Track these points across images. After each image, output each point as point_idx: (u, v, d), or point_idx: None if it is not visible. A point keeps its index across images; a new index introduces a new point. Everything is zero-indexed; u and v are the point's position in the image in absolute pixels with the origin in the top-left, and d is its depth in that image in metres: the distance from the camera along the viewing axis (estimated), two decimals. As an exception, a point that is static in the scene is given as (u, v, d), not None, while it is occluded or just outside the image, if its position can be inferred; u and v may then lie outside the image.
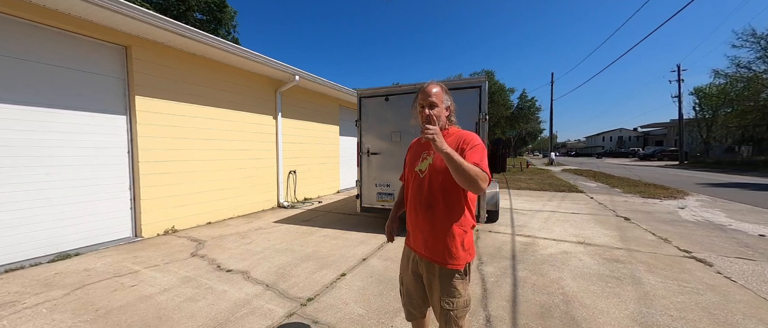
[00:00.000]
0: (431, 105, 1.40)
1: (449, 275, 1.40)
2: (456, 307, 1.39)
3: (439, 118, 1.41)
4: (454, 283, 1.40)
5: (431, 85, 1.44)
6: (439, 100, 1.41)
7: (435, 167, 1.42)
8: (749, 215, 5.79)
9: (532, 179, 12.52)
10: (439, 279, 1.41)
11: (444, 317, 1.40)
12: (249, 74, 6.21)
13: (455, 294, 1.39)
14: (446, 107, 1.46)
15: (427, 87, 1.43)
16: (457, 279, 1.40)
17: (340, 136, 9.54)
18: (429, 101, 1.40)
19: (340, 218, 5.84)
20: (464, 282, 1.42)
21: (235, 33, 24.75)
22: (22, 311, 2.43)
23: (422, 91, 1.43)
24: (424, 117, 1.40)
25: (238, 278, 3.06)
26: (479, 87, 4.18)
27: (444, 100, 1.45)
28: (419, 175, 1.48)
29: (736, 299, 2.57)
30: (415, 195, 1.49)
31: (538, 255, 3.68)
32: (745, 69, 20.54)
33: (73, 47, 3.84)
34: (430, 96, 1.41)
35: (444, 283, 1.41)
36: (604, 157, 46.64)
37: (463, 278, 1.42)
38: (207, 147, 5.39)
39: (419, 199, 1.46)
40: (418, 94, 1.45)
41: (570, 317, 2.33)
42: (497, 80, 34.70)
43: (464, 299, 1.41)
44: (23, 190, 3.45)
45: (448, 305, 1.39)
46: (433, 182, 1.42)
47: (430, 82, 1.47)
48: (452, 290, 1.40)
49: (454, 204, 1.39)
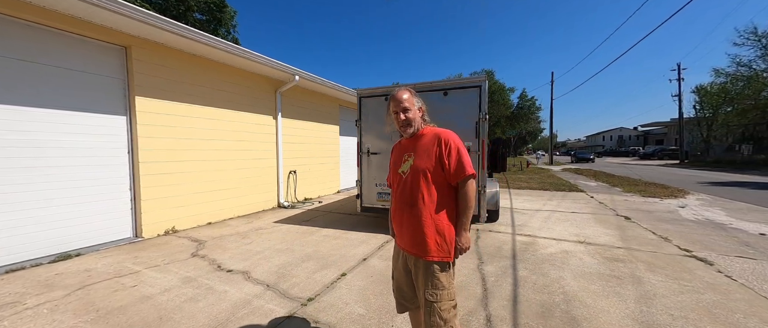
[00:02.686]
0: (405, 110, 1.54)
1: (431, 267, 1.46)
2: (439, 299, 1.44)
3: (415, 120, 1.56)
4: (436, 274, 1.46)
5: (401, 92, 1.56)
6: (410, 105, 1.54)
7: (416, 167, 1.52)
8: (750, 214, 5.78)
9: (532, 179, 12.52)
10: (423, 271, 1.48)
11: (428, 309, 1.46)
12: (249, 74, 6.21)
13: (438, 286, 1.45)
14: (419, 108, 1.59)
15: (398, 94, 1.56)
16: (439, 271, 1.46)
17: (340, 136, 9.54)
18: (402, 107, 1.54)
19: (340, 217, 5.85)
20: (447, 275, 1.48)
21: (235, 33, 24.77)
22: (23, 312, 2.43)
23: (393, 99, 1.57)
24: (400, 121, 1.55)
25: (239, 279, 3.07)
26: (479, 86, 4.18)
27: (415, 103, 1.57)
28: (402, 176, 1.58)
29: (736, 297, 2.57)
30: (399, 195, 1.58)
31: (538, 254, 3.68)
32: (746, 68, 20.54)
33: (72, 48, 3.84)
34: (402, 102, 1.54)
35: (427, 275, 1.47)
36: (604, 156, 46.58)
37: (447, 271, 1.48)
38: (207, 147, 5.39)
39: (403, 198, 1.55)
40: (390, 102, 1.59)
41: (570, 316, 2.33)
42: (497, 80, 34.72)
43: (448, 291, 1.46)
44: (24, 191, 3.45)
45: (432, 296, 1.45)
46: (414, 181, 1.51)
47: (399, 88, 1.60)
48: (435, 281, 1.46)
49: (436, 201, 1.48)
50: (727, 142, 26.85)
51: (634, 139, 62.64)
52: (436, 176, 1.48)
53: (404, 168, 1.58)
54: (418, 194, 1.49)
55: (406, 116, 1.54)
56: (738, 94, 22.09)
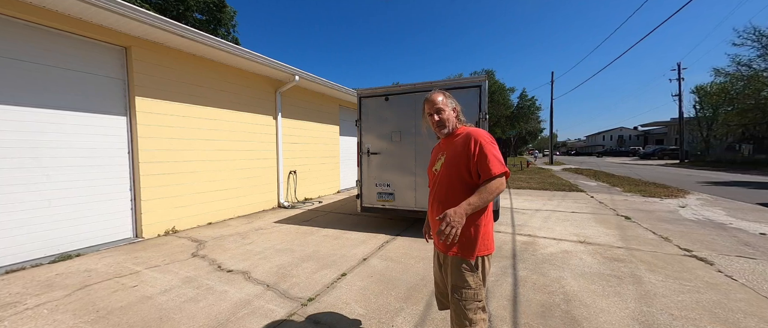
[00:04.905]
0: (439, 111, 1.60)
1: (457, 264, 1.47)
2: (464, 298, 1.44)
3: (449, 121, 1.61)
4: (463, 274, 1.46)
5: (435, 94, 1.63)
6: (444, 106, 1.60)
7: (447, 165, 1.56)
8: (750, 214, 5.78)
9: (532, 178, 12.52)
10: (451, 268, 1.50)
11: (454, 307, 1.48)
12: (249, 74, 6.21)
13: (464, 285, 1.45)
14: (453, 109, 1.63)
15: (432, 96, 1.63)
16: (466, 270, 1.46)
17: (340, 136, 9.54)
18: (436, 108, 1.60)
19: (340, 218, 5.85)
20: (474, 275, 1.46)
21: (235, 33, 24.72)
22: (24, 312, 2.43)
23: (427, 101, 1.63)
24: (434, 122, 1.61)
25: (239, 279, 3.07)
26: (479, 86, 4.18)
27: (449, 104, 1.62)
28: (435, 174, 1.66)
29: (736, 297, 2.57)
30: (433, 192, 1.65)
31: (538, 254, 3.68)
32: (746, 67, 20.51)
33: (72, 48, 3.84)
34: (435, 103, 1.60)
35: (454, 272, 1.49)
36: (605, 156, 46.60)
37: (473, 271, 1.46)
38: (207, 147, 5.39)
39: (435, 195, 1.62)
40: (425, 104, 1.65)
41: (571, 316, 2.32)
42: (497, 80, 34.68)
43: (474, 290, 1.45)
44: (24, 191, 3.45)
45: (458, 294, 1.46)
46: (443, 179, 1.57)
47: (434, 91, 1.66)
48: (461, 280, 1.46)
49: (464, 197, 1.43)
50: (728, 141, 26.85)
51: (634, 139, 62.61)
52: (466, 174, 1.49)
53: (437, 166, 1.64)
54: (448, 191, 1.52)
55: (440, 117, 1.60)
56: (738, 93, 22.08)
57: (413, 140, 4.66)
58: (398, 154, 4.79)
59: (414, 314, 2.39)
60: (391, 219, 5.56)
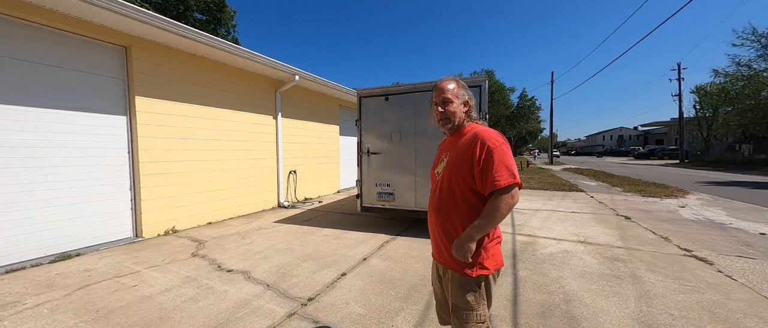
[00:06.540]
0: (444, 102, 1.35)
1: (459, 283, 1.29)
2: (467, 319, 1.26)
3: (456, 115, 1.36)
4: (465, 295, 1.27)
5: (446, 81, 1.37)
6: (453, 97, 1.35)
7: (449, 168, 1.33)
8: (750, 214, 5.78)
9: (532, 178, 12.52)
10: (451, 285, 1.32)
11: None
12: (249, 74, 6.21)
13: (465, 306, 1.26)
14: (464, 103, 1.37)
15: (442, 83, 1.37)
16: (468, 291, 1.26)
17: (340, 136, 9.54)
18: (442, 98, 1.35)
19: (340, 217, 5.85)
20: (477, 296, 1.26)
21: (235, 33, 24.72)
22: (24, 312, 2.43)
23: (436, 88, 1.37)
24: (438, 114, 1.37)
25: (239, 278, 3.07)
26: (479, 86, 4.18)
27: (460, 96, 1.36)
28: (436, 177, 1.43)
29: (736, 297, 2.57)
30: (431, 198, 1.43)
31: (538, 254, 3.68)
32: (746, 67, 20.53)
33: (72, 48, 3.84)
34: (443, 92, 1.35)
35: (454, 290, 1.30)
36: (605, 156, 46.61)
37: (476, 291, 1.26)
38: (207, 147, 5.39)
39: (433, 203, 1.40)
40: (433, 92, 1.39)
41: (571, 316, 2.33)
42: (497, 79, 34.75)
43: (477, 312, 1.26)
44: (24, 191, 3.45)
45: (459, 316, 1.28)
46: (443, 185, 1.34)
47: (445, 77, 1.40)
48: (462, 300, 1.27)
49: (467, 209, 1.27)
50: (727, 141, 26.87)
51: (634, 138, 62.62)
52: (470, 181, 1.26)
53: (439, 169, 1.40)
54: (449, 199, 1.30)
55: (445, 109, 1.34)
56: (738, 93, 22.09)
57: (413, 140, 4.66)
58: (398, 154, 4.79)
59: (414, 314, 2.39)
60: (391, 219, 5.56)
